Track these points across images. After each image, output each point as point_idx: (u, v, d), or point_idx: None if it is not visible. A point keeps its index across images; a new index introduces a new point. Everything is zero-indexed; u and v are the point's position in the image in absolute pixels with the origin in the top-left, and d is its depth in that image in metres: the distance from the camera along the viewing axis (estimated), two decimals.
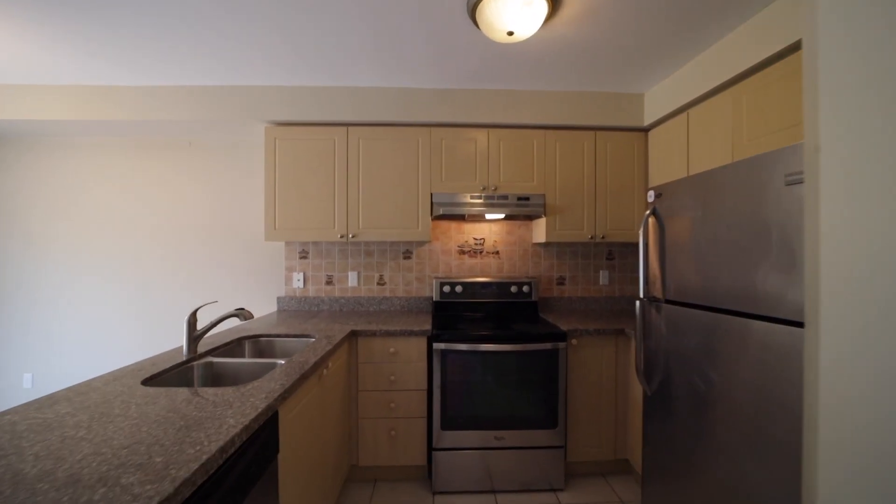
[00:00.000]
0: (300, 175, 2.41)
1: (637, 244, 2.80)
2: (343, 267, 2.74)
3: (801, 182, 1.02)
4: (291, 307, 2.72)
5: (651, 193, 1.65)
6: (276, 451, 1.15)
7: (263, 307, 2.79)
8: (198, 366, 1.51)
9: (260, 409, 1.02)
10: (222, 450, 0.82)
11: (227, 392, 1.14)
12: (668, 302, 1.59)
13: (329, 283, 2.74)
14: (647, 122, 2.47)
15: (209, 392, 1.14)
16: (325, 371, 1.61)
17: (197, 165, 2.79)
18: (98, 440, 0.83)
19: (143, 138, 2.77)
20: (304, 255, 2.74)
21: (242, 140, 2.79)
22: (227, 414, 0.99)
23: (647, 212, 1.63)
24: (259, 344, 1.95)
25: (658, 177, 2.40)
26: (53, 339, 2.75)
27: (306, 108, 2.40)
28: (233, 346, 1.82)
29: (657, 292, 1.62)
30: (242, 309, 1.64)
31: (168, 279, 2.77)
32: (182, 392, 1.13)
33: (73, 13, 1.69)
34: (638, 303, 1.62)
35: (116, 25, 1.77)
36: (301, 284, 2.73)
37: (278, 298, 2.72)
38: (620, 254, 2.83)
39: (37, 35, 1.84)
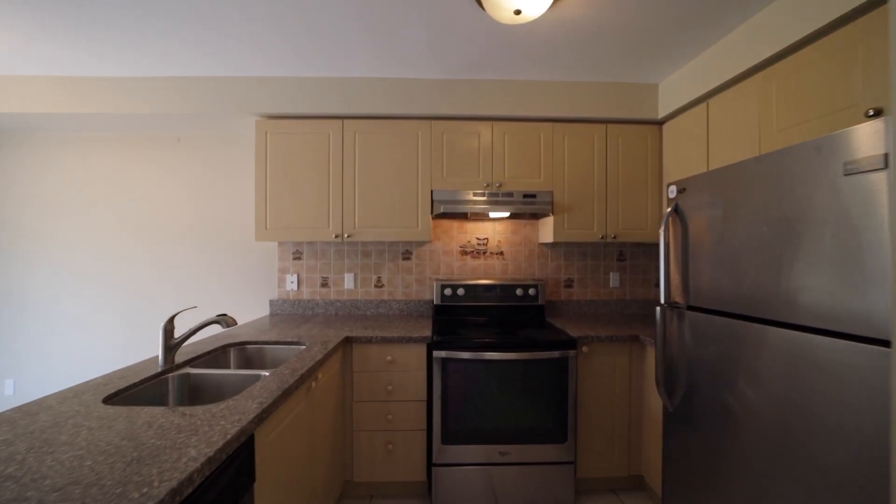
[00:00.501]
0: (292, 171, 2.28)
1: (651, 244, 2.66)
2: (339, 268, 2.60)
3: (867, 171, 0.87)
4: (284, 311, 2.58)
5: (672, 189, 1.50)
6: (252, 479, 1.01)
7: (255, 310, 2.66)
8: (173, 378, 1.38)
9: (230, 436, 0.88)
10: (175, 492, 0.69)
11: (196, 413, 1.00)
12: (690, 308, 1.44)
13: (324, 285, 2.60)
14: (661, 114, 2.32)
15: (177, 413, 1.00)
16: (313, 383, 1.47)
17: (187, 162, 2.66)
18: (28, 479, 0.70)
19: (130, 134, 2.64)
20: (297, 256, 2.60)
21: (235, 135, 2.66)
22: (191, 442, 0.85)
23: (668, 209, 1.48)
24: (246, 352, 1.81)
25: (674, 172, 2.25)
26: (38, 343, 2.62)
27: (299, 99, 2.27)
28: (217, 355, 1.69)
29: (679, 298, 1.47)
30: (225, 315, 1.51)
31: (157, 281, 2.65)
32: (145, 413, 1.00)
33: (56, 3, 1.57)
34: (658, 309, 1.47)
35: (98, 14, 1.65)
36: (295, 287, 2.59)
37: (270, 301, 2.58)
38: (631, 254, 2.68)
39: (18, 25, 1.71)
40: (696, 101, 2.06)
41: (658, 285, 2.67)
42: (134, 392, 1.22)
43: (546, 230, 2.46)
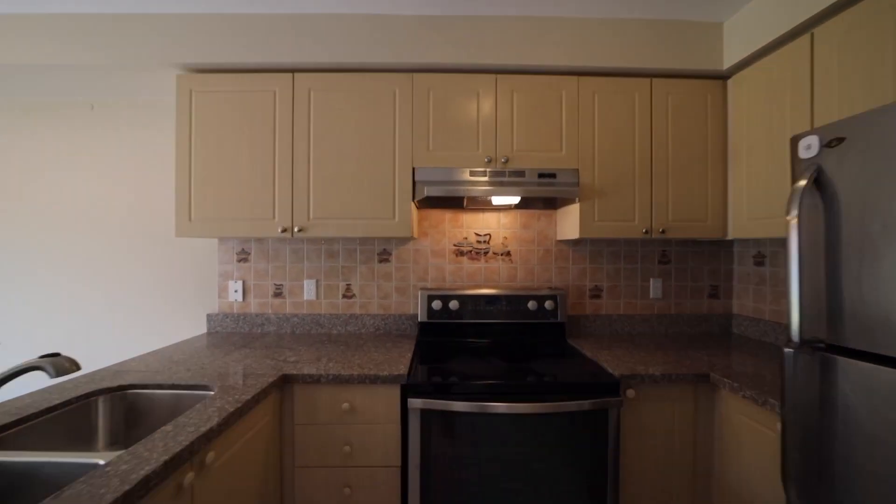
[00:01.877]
0: (226, 142, 1.68)
1: (707, 242, 2.02)
2: (297, 273, 2.00)
3: None
4: (226, 328, 1.99)
5: (811, 142, 0.87)
6: None
7: (193, 327, 2.06)
8: None
9: None
10: None
11: None
12: (840, 352, 0.83)
13: (278, 294, 2.00)
14: (727, 63, 1.69)
15: None
16: (188, 475, 0.87)
17: (103, 137, 2.06)
18: None
19: (26, 99, 2.05)
20: (243, 258, 2.01)
21: (164, 101, 2.06)
22: None
23: (803, 181, 0.86)
24: (126, 401, 1.21)
25: (746, 143, 1.62)
26: None
27: (234, 45, 1.67)
28: (75, 411, 1.09)
29: (818, 332, 0.85)
30: (58, 355, 0.94)
31: (64, 286, 2.06)
32: None
33: None
34: (788, 353, 0.85)
35: None
36: (239, 297, 1.99)
37: (208, 316, 1.99)
38: (677, 255, 2.05)
39: None
40: (788, 36, 1.43)
41: (714, 296, 2.04)
42: None
43: (568, 223, 1.84)
